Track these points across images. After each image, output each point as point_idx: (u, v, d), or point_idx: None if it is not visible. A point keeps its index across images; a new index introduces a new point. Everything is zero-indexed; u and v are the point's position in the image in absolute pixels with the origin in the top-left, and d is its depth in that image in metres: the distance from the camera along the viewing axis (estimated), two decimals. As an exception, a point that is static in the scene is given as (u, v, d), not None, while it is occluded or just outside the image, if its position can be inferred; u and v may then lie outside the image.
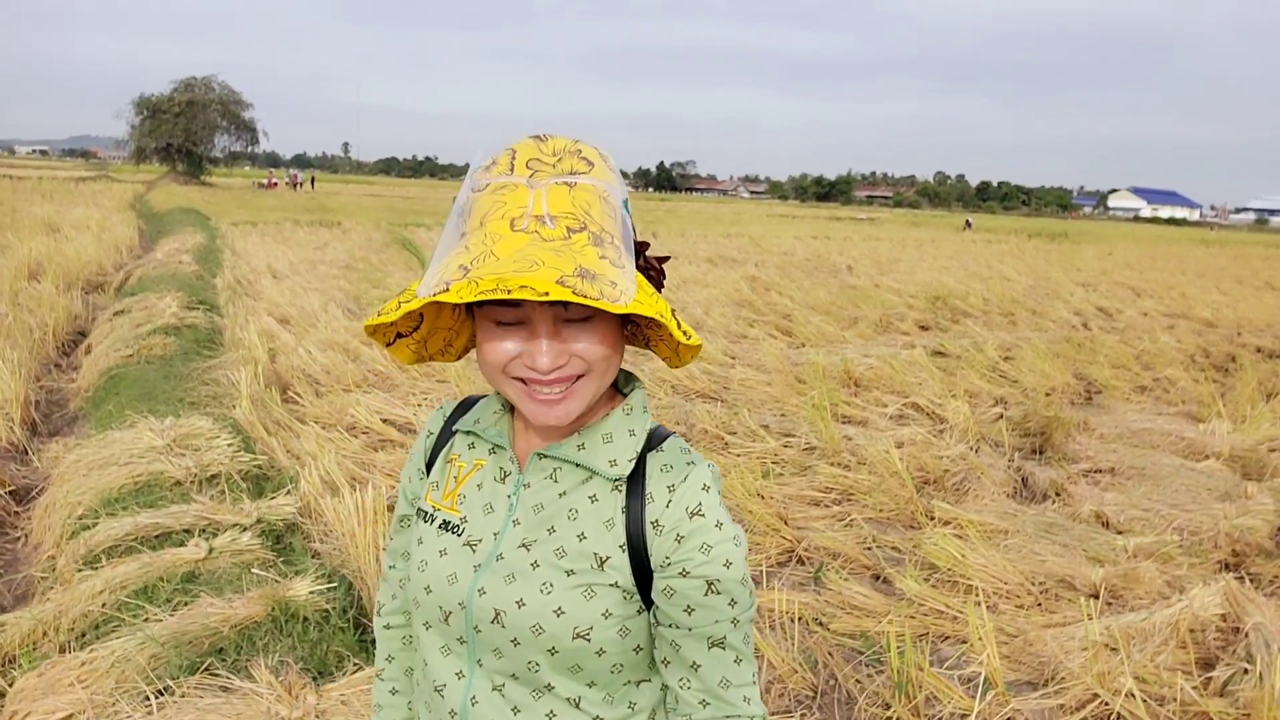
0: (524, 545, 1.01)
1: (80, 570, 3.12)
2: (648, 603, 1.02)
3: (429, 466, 1.15)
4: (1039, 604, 3.65)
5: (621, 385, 1.09)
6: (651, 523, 0.99)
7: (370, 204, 35.95)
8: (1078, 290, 16.03)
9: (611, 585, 0.99)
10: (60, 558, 3.33)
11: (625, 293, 0.85)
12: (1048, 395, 7.52)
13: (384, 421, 5.55)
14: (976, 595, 3.63)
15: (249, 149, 56.99)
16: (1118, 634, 3.21)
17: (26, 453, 4.91)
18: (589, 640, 0.98)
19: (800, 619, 3.42)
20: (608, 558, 0.99)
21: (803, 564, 4.05)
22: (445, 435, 1.15)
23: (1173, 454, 5.93)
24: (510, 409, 1.10)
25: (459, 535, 1.05)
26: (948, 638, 3.42)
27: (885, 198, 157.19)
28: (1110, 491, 5.11)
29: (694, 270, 16.23)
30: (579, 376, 0.95)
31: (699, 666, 1.00)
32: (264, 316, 8.26)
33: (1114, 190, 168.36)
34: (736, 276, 15.32)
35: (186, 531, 3.35)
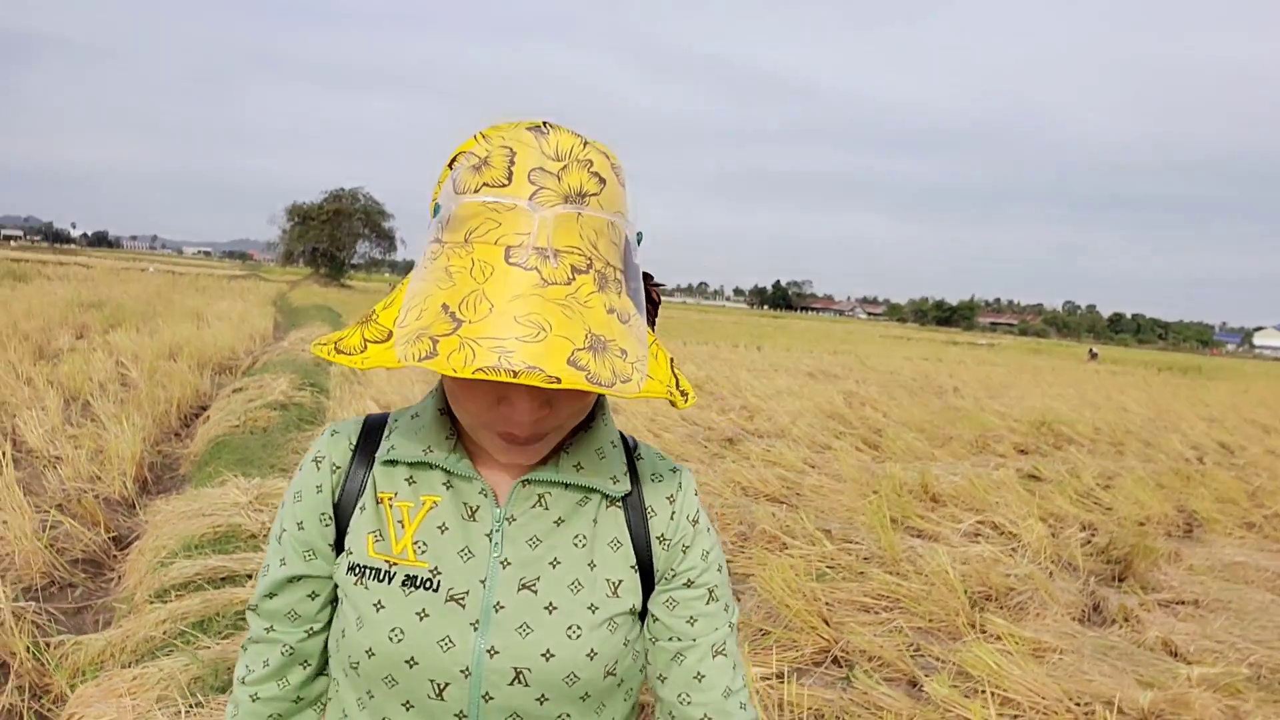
0: (526, 588, 0.90)
1: (152, 602, 3.44)
2: (641, 617, 0.97)
3: (340, 511, 0.95)
4: (1078, 723, 3.50)
5: None
6: (657, 537, 0.95)
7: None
8: (1199, 424, 15.22)
9: (629, 611, 0.93)
10: (138, 591, 3.68)
11: (636, 365, 0.77)
12: (1141, 525, 7.18)
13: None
14: (1010, 707, 3.52)
15: (386, 256, 61.02)
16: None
17: (134, 506, 5.39)
18: (616, 674, 0.92)
19: (821, 715, 3.40)
20: (620, 581, 0.93)
21: (838, 664, 4.01)
22: (358, 472, 0.95)
23: (1267, 590, 5.56)
24: (458, 429, 0.95)
25: (435, 591, 0.89)
26: (973, 747, 3.32)
27: (1010, 325, 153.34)
28: (1187, 622, 4.84)
29: (791, 382, 16.28)
30: (552, 429, 0.88)
31: (703, 677, 0.94)
32: (368, 400, 8.81)
33: (1260, 328, 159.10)
34: (833, 391, 15.26)
35: (248, 575, 3.65)
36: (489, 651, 0.88)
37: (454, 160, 0.83)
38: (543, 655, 0.88)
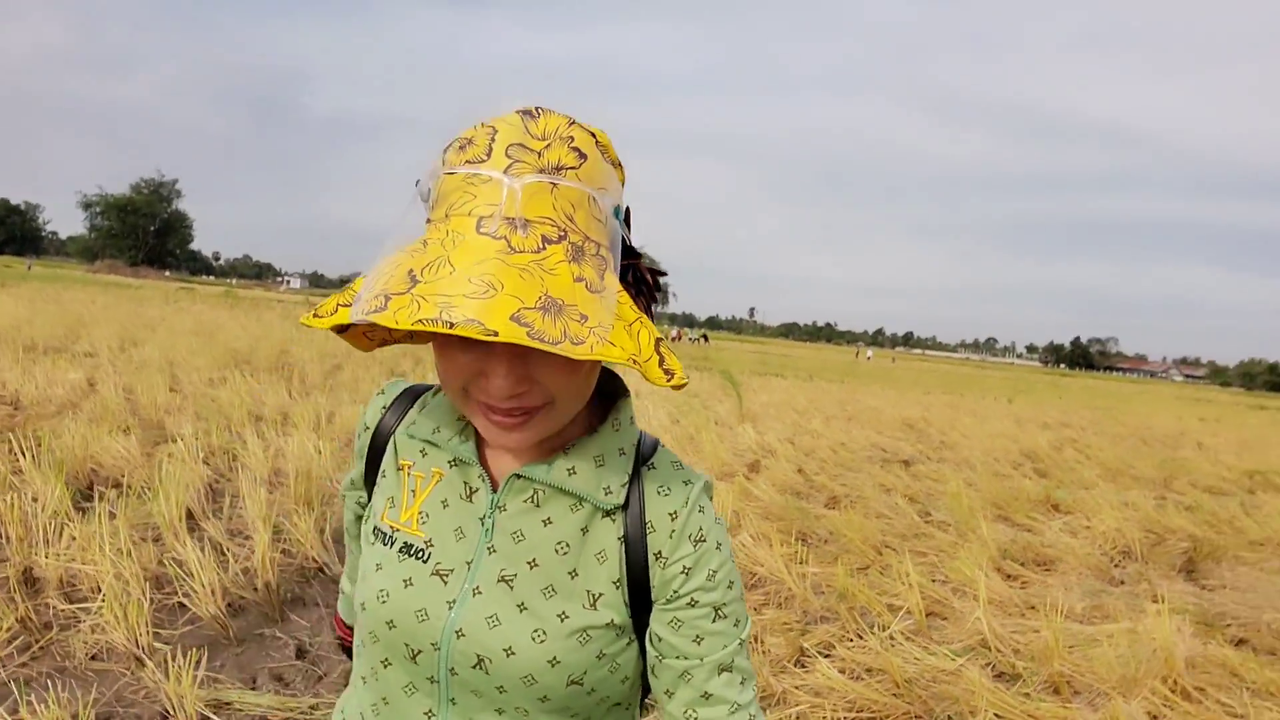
0: (504, 580, 0.92)
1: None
2: (638, 633, 0.96)
3: (369, 470, 1.04)
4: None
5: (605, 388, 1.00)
6: (654, 554, 0.92)
7: (746, 357, 40.45)
8: None
9: (605, 625, 0.92)
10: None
11: (595, 329, 0.75)
12: (1154, 534, 7.95)
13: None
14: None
15: (659, 308, 66.19)
16: None
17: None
18: (582, 684, 0.92)
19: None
20: (601, 594, 0.92)
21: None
22: (385, 433, 1.03)
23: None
24: None
25: (425, 562, 0.94)
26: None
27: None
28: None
29: (1010, 428, 16.85)
30: (540, 406, 0.86)
31: (709, 696, 0.93)
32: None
33: None
34: (1051, 436, 15.77)
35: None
36: (457, 633, 0.91)
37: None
38: (504, 650, 0.90)
